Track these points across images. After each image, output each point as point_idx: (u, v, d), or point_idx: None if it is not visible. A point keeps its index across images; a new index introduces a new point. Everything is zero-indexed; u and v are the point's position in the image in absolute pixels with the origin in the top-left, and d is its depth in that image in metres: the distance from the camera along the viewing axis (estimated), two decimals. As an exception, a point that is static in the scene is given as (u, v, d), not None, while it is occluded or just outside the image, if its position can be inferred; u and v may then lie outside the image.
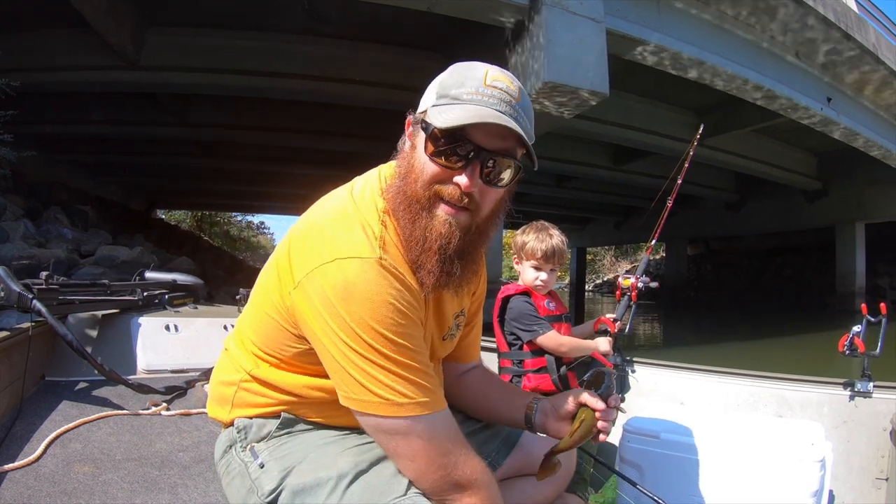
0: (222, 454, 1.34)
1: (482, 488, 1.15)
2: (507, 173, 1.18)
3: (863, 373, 2.28)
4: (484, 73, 1.15)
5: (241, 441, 1.30)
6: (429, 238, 1.16)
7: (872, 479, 2.17)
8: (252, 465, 1.25)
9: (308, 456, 1.22)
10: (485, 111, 1.10)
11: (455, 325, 1.43)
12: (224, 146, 19.01)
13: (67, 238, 11.52)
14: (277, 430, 1.27)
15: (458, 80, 1.15)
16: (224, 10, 11.39)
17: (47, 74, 11.98)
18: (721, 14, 11.55)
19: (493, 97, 1.12)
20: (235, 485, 1.26)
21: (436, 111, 1.13)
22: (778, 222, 26.37)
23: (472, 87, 1.13)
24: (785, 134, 18.86)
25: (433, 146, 1.13)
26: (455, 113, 1.10)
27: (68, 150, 18.73)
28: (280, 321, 1.22)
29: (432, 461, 1.12)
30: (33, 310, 2.63)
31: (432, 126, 1.12)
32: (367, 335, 1.08)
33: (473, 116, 1.09)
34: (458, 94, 1.13)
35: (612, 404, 1.33)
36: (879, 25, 14.42)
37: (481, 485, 1.15)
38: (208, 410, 1.44)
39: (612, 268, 53.26)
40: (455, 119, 1.09)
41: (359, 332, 1.08)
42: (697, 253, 35.68)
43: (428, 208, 1.16)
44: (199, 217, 43.23)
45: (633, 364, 2.91)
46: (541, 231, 2.62)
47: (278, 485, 1.18)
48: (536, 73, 9.10)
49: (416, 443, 1.11)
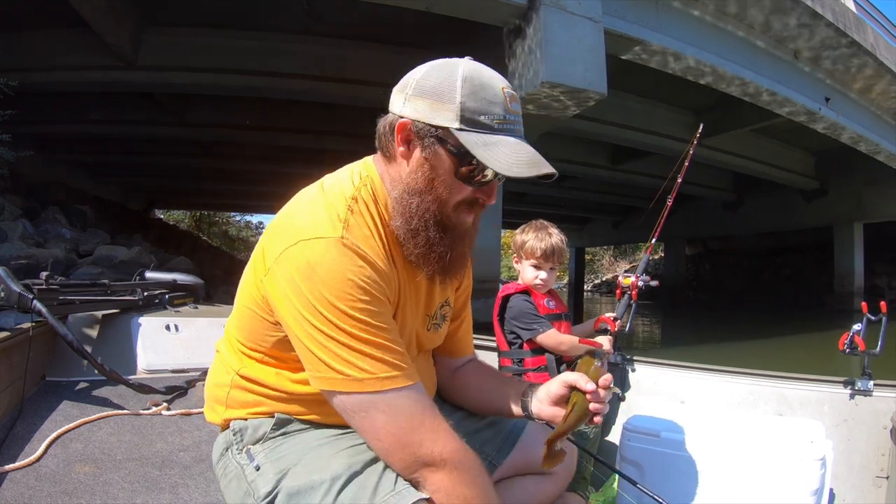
0: (219, 457, 1.34)
1: (455, 468, 1.12)
2: None
3: (863, 371, 2.28)
4: (503, 94, 1.17)
5: (238, 443, 1.30)
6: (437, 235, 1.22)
7: (873, 478, 2.17)
8: (248, 467, 1.25)
9: (303, 458, 1.21)
10: (530, 156, 1.15)
11: (441, 315, 1.45)
12: (223, 146, 19.02)
13: (66, 238, 11.50)
14: (273, 431, 1.27)
15: (482, 102, 1.15)
16: (223, 10, 11.41)
17: (46, 74, 12.00)
18: (719, 14, 11.57)
19: (518, 124, 1.19)
20: (232, 487, 1.27)
21: (476, 143, 1.13)
22: (776, 222, 26.41)
23: (498, 113, 1.15)
24: (783, 134, 18.91)
25: (472, 173, 1.18)
26: (509, 156, 1.13)
27: (67, 150, 18.76)
28: (258, 311, 1.23)
29: (396, 438, 1.11)
30: (34, 310, 2.63)
31: (479, 163, 1.15)
32: (328, 312, 1.08)
33: (529, 166, 1.14)
34: (489, 122, 1.15)
35: (602, 385, 1.27)
36: (878, 25, 14.46)
37: (454, 464, 1.12)
38: (205, 414, 1.44)
39: (610, 267, 53.28)
40: (514, 166, 1.13)
41: (320, 310, 1.08)
42: (696, 253, 35.73)
43: (448, 223, 1.23)
44: (198, 217, 43.20)
45: (634, 363, 2.91)
46: (540, 230, 2.63)
47: (274, 487, 1.18)
48: (535, 72, 9.15)
49: (378, 419, 1.11)
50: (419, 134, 1.17)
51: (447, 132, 1.15)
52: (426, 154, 1.18)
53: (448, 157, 1.16)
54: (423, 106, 1.16)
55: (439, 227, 1.21)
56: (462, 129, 1.13)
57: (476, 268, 1.64)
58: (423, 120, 1.16)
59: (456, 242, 1.25)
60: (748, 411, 2.51)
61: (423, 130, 1.17)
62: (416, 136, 1.18)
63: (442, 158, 1.17)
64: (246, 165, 21.38)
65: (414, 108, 1.18)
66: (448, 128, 1.14)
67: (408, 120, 1.18)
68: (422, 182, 1.19)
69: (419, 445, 1.10)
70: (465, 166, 1.16)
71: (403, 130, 1.19)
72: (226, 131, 17.12)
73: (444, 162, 1.17)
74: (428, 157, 1.18)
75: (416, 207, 1.19)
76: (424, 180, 1.19)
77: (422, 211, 1.19)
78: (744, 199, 26.77)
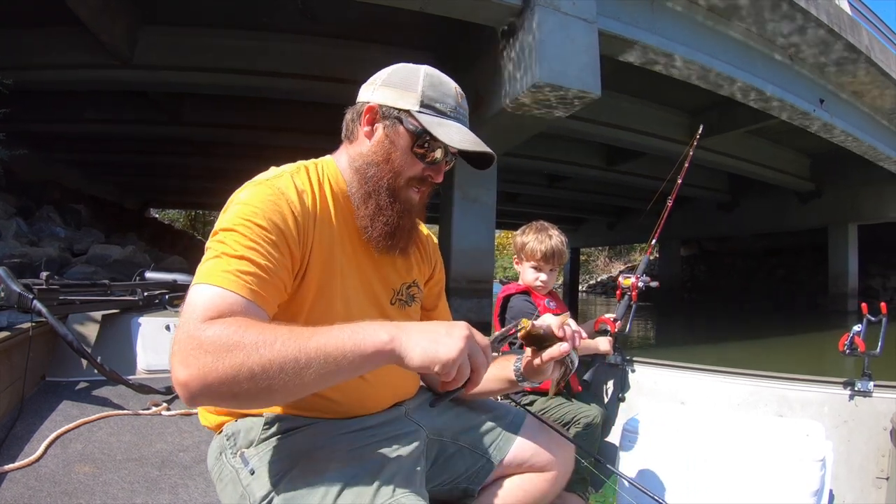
0: (215, 461, 1.35)
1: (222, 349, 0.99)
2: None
3: (863, 372, 2.29)
4: (455, 91, 1.39)
5: (231, 447, 1.30)
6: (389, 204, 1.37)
7: (873, 479, 2.18)
8: (243, 471, 1.25)
9: (298, 463, 1.22)
10: (474, 138, 1.35)
11: (408, 294, 1.53)
12: (218, 145, 18.96)
13: (60, 237, 11.48)
14: (264, 431, 1.28)
15: (439, 93, 1.35)
16: (217, 9, 11.38)
17: (40, 73, 11.93)
18: (714, 15, 11.60)
19: (465, 115, 1.41)
20: (228, 491, 1.27)
21: (431, 122, 1.32)
22: (771, 223, 26.40)
23: (451, 104, 1.36)
24: (778, 135, 18.92)
25: (425, 152, 1.35)
26: (457, 135, 1.33)
27: (62, 149, 18.71)
28: None
29: (185, 325, 1.02)
30: (34, 310, 2.62)
31: (432, 136, 1.31)
32: (222, 232, 1.16)
33: (474, 144, 1.34)
34: (444, 109, 1.35)
35: (559, 334, 1.32)
36: (872, 27, 14.51)
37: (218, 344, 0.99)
38: (200, 419, 1.45)
39: (605, 268, 53.41)
40: (462, 143, 1.32)
41: (217, 230, 1.18)
42: (691, 254, 35.79)
43: (398, 195, 1.37)
44: (193, 216, 43.12)
45: (633, 363, 2.92)
46: (540, 232, 2.65)
47: (269, 492, 1.18)
48: (529, 72, 9.17)
49: (184, 309, 1.07)
50: (384, 115, 1.36)
51: (408, 114, 1.33)
52: (387, 131, 1.35)
53: (406, 135, 1.34)
54: (390, 93, 1.35)
55: (390, 195, 1.35)
56: (421, 112, 1.33)
57: (469, 268, 1.70)
58: (389, 104, 1.35)
59: (403, 216, 1.38)
60: (748, 412, 2.52)
61: (388, 112, 1.35)
62: (381, 116, 1.36)
63: (401, 135, 1.34)
64: (241, 165, 21.10)
65: (381, 95, 1.36)
66: (409, 110, 1.33)
67: (375, 104, 1.36)
68: (381, 155, 1.35)
69: (203, 330, 1.01)
70: (419, 146, 1.34)
71: (371, 112, 1.36)
72: (221, 131, 17.07)
73: (403, 138, 1.34)
74: (388, 133, 1.35)
75: (371, 175, 1.35)
76: (383, 153, 1.35)
77: (376, 179, 1.35)
78: (739, 201, 26.79)
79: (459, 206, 12.99)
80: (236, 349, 0.96)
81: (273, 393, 1.00)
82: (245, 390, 0.97)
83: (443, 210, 13.48)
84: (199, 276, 1.10)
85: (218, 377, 0.95)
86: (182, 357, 0.97)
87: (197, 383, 0.95)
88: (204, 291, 1.07)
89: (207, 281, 1.08)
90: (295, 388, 1.00)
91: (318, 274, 1.28)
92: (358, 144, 1.40)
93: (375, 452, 1.28)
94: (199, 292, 1.07)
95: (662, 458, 2.20)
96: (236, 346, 0.97)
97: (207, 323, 1.01)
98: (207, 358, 0.96)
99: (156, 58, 12.02)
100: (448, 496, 1.52)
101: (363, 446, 1.28)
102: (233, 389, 0.96)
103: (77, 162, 20.83)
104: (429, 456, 1.45)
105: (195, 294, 1.07)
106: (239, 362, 0.96)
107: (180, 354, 0.98)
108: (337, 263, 1.33)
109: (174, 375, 0.98)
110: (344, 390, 1.32)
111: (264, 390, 0.98)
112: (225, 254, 1.12)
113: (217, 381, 0.95)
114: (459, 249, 12.65)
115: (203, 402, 1.03)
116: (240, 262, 1.11)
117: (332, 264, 1.32)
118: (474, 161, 1.44)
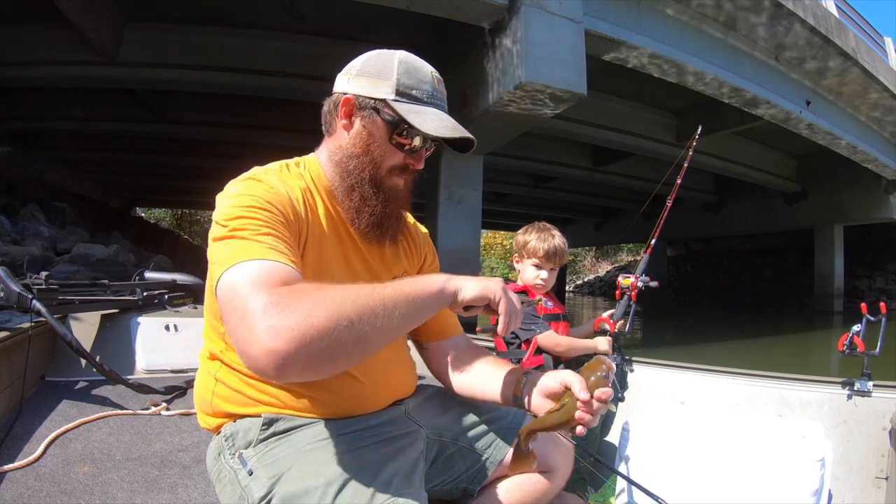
0: (213, 462, 1.35)
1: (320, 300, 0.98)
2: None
3: (862, 372, 2.31)
4: (432, 76, 1.38)
5: (230, 448, 1.30)
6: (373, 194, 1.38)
7: (872, 479, 2.19)
8: (241, 472, 1.25)
9: (296, 463, 1.21)
10: (453, 123, 1.35)
11: None
12: (204, 143, 18.85)
13: (44, 235, 11.41)
14: (262, 432, 1.28)
15: (414, 79, 1.35)
16: (204, 7, 11.34)
17: (25, 69, 11.81)
18: (701, 16, 11.67)
19: (443, 99, 1.40)
20: (227, 492, 1.27)
21: (408, 111, 1.31)
22: (757, 224, 26.58)
23: (427, 89, 1.36)
24: (764, 136, 19.06)
25: (404, 141, 1.36)
26: (435, 121, 1.32)
27: (47, 147, 18.52)
28: (212, 284, 1.19)
29: (248, 301, 0.99)
30: (33, 310, 2.60)
31: (410, 125, 1.31)
32: (232, 220, 1.15)
33: (452, 130, 1.33)
34: (420, 95, 1.35)
35: (599, 397, 1.16)
36: (859, 30, 14.66)
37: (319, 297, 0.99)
38: (199, 421, 1.46)
39: (592, 269, 53.64)
40: (439, 129, 1.31)
41: (216, 223, 1.18)
42: (678, 254, 36.02)
43: (382, 185, 1.39)
44: (179, 215, 42.87)
45: (633, 363, 2.93)
46: (543, 231, 2.70)
47: (268, 492, 1.17)
48: (515, 72, 9.19)
49: (227, 294, 1.05)
50: (360, 106, 1.36)
51: (384, 104, 1.33)
52: (365, 123, 1.36)
53: (384, 125, 1.34)
54: (365, 83, 1.35)
55: (373, 185, 1.37)
56: (397, 101, 1.32)
57: (454, 267, 1.68)
58: (364, 94, 1.35)
59: (389, 203, 1.40)
60: (748, 412, 2.54)
61: (364, 103, 1.35)
62: (358, 108, 1.36)
63: (378, 126, 1.35)
64: (228, 163, 21.04)
65: (357, 85, 1.36)
66: (385, 100, 1.33)
67: (351, 96, 1.36)
68: (360, 147, 1.36)
69: (284, 296, 0.98)
70: (397, 135, 1.34)
71: (347, 105, 1.37)
72: (207, 129, 16.95)
73: (380, 129, 1.35)
74: (366, 125, 1.36)
75: (353, 168, 1.37)
76: (362, 145, 1.36)
77: (358, 171, 1.36)
78: (725, 201, 26.97)
79: (445, 206, 12.97)
80: (327, 301, 0.96)
81: (370, 341, 1.01)
82: (344, 342, 0.96)
83: (429, 210, 13.44)
84: (226, 261, 1.07)
85: (318, 332, 0.93)
86: (265, 328, 0.92)
87: (293, 345, 0.91)
88: (245, 268, 1.04)
89: (243, 258, 1.06)
90: (386, 333, 1.04)
91: (312, 270, 1.28)
92: (336, 137, 1.41)
93: (374, 452, 1.27)
94: (239, 272, 1.04)
95: (662, 458, 2.21)
96: (324, 300, 0.97)
97: (271, 290, 0.98)
98: (298, 316, 0.93)
99: (142, 55, 11.92)
100: (448, 496, 1.53)
101: (362, 446, 1.28)
102: (332, 344, 0.94)
103: (62, 160, 20.62)
104: (428, 456, 1.45)
105: (235, 274, 1.04)
106: (335, 312, 0.95)
107: (263, 326, 0.93)
108: (326, 259, 1.34)
109: (257, 354, 0.93)
110: (340, 390, 1.33)
111: (363, 339, 0.99)
112: (243, 237, 1.11)
113: (317, 336, 0.93)
114: (445, 249, 12.57)
115: (296, 369, 0.94)
116: (266, 237, 1.12)
117: (322, 260, 1.33)
118: (455, 144, 1.43)
